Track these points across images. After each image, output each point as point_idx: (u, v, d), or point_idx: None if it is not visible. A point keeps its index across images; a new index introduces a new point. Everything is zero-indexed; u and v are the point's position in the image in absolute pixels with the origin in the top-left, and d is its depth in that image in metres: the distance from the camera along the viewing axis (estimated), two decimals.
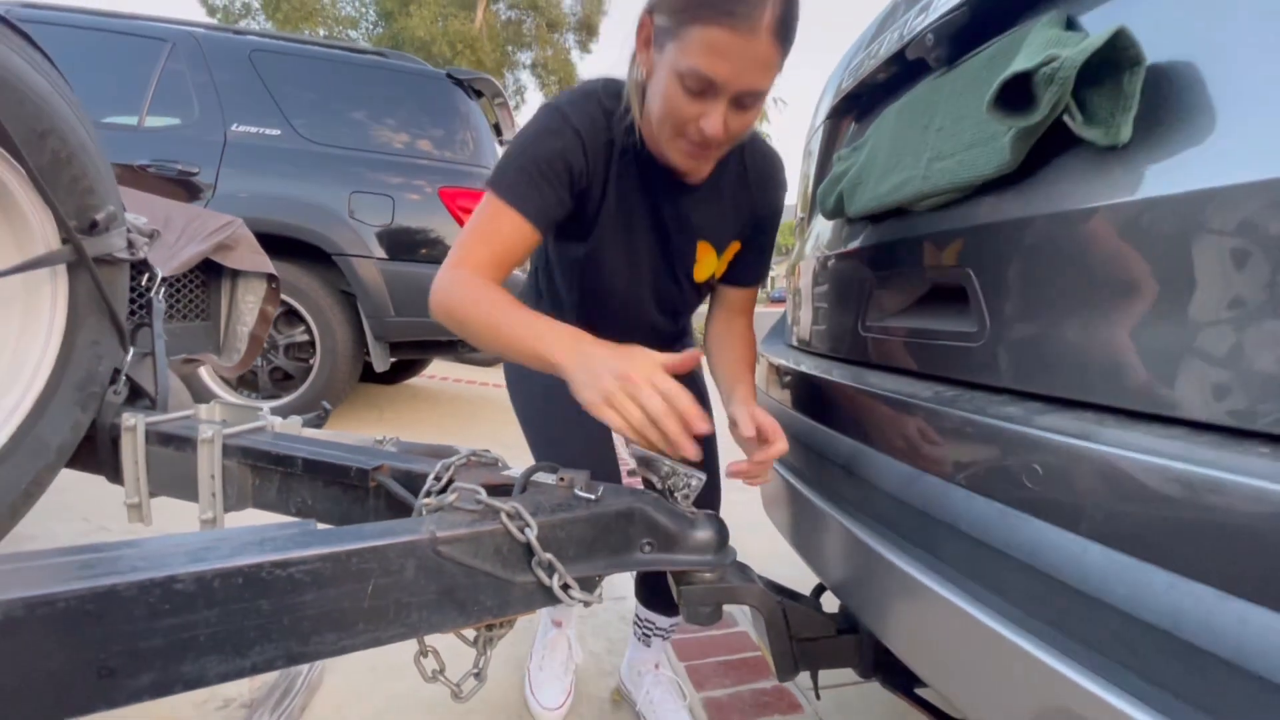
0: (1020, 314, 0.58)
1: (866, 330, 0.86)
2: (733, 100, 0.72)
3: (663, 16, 0.72)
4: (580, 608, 1.21)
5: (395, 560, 0.55)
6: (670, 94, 0.72)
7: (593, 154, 0.80)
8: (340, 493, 0.81)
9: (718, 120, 0.72)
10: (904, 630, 0.63)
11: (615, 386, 0.64)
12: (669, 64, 0.71)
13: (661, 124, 0.75)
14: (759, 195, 0.93)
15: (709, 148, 0.76)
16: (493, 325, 0.73)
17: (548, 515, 0.63)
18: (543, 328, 0.72)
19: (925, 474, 0.61)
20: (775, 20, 0.67)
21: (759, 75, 0.70)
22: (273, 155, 2.84)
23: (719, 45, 0.67)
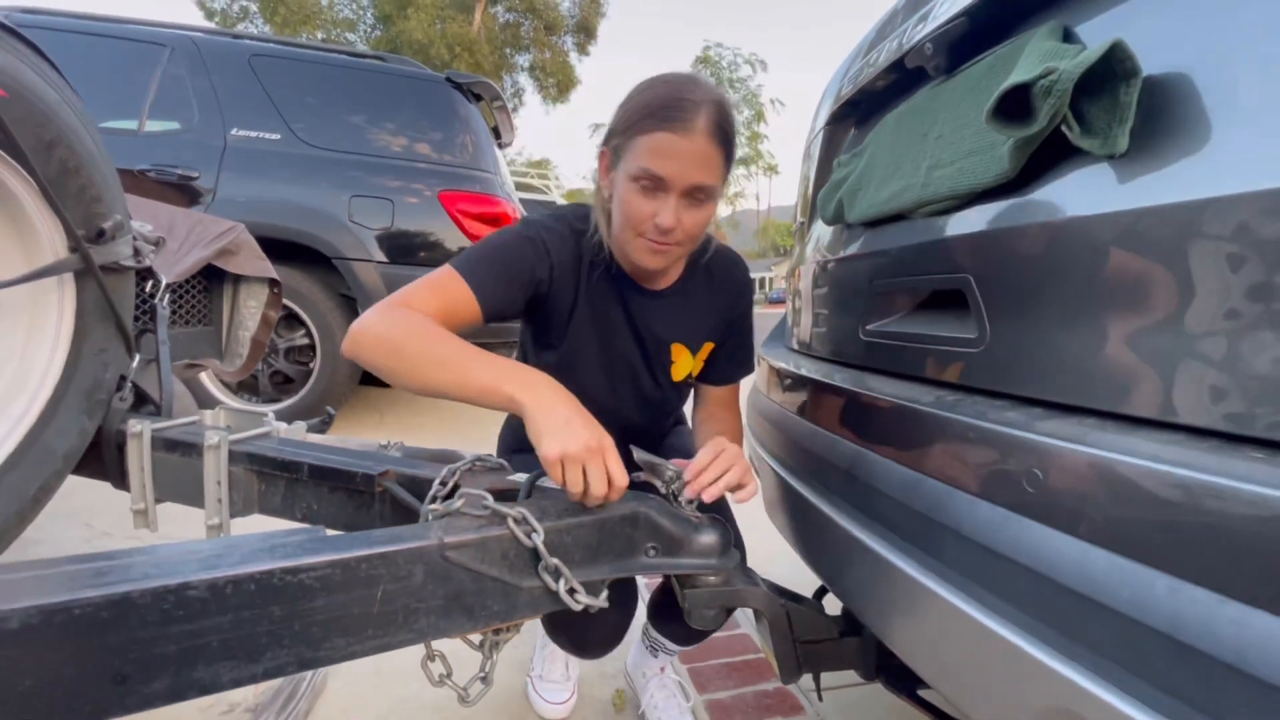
0: (1019, 320, 0.58)
1: (867, 334, 0.87)
2: (684, 196, 0.80)
3: (616, 139, 0.83)
4: None
5: (404, 566, 0.55)
6: (627, 198, 0.80)
7: (560, 268, 0.87)
8: (346, 498, 0.82)
9: (669, 213, 0.79)
10: (907, 633, 0.63)
11: (577, 451, 0.64)
12: (624, 174, 0.81)
13: (624, 229, 0.83)
14: (726, 299, 1.00)
15: (668, 243, 0.82)
16: (442, 355, 0.71)
17: (553, 520, 0.64)
18: (506, 364, 0.71)
19: (927, 478, 0.62)
20: (710, 124, 0.78)
21: (701, 171, 0.79)
22: (272, 159, 2.85)
23: (662, 146, 0.77)
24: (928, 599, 0.57)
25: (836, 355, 0.97)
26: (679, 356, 0.98)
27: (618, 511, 0.68)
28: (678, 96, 0.78)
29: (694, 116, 0.77)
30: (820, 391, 0.92)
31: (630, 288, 0.93)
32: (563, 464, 0.64)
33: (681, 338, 0.97)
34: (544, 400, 0.67)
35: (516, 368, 0.71)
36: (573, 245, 0.89)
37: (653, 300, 0.94)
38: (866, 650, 0.78)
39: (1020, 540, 0.49)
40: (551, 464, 0.64)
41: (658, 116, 0.78)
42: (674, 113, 0.77)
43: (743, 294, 1.02)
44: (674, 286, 0.95)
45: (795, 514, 0.90)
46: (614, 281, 0.92)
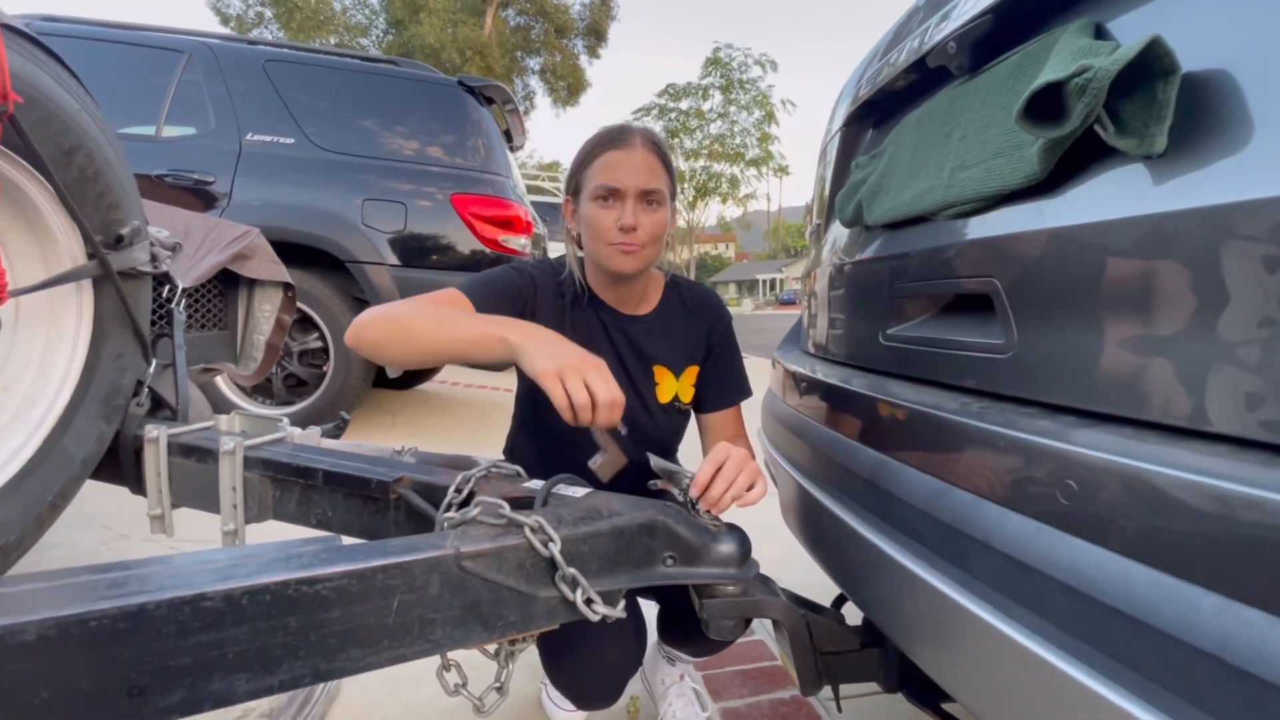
0: (1050, 326, 0.57)
1: (887, 339, 0.85)
2: (638, 200, 0.91)
3: (573, 181, 0.97)
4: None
5: (420, 576, 0.55)
6: (592, 215, 0.92)
7: (543, 294, 0.98)
8: (360, 505, 0.81)
9: (629, 213, 0.90)
10: (932, 646, 0.62)
11: (574, 365, 0.70)
12: (586, 199, 0.93)
13: (595, 242, 0.93)
14: (701, 322, 1.07)
15: (634, 243, 0.92)
16: (436, 315, 0.80)
17: (570, 529, 0.63)
18: (497, 317, 0.80)
19: (954, 488, 0.60)
20: (645, 141, 0.93)
21: (647, 176, 0.92)
22: (287, 164, 2.87)
23: (609, 162, 0.91)
24: (955, 612, 0.56)
25: (855, 360, 0.95)
26: (662, 379, 1.04)
27: (635, 520, 0.67)
28: (614, 127, 0.95)
29: (631, 136, 0.93)
30: (839, 397, 0.91)
31: (609, 313, 1.01)
32: (561, 377, 0.69)
33: (662, 359, 1.03)
34: (534, 333, 0.75)
35: (507, 319, 0.79)
36: (553, 279, 1.00)
37: (632, 324, 1.01)
38: (888, 662, 0.76)
39: (1055, 554, 0.48)
40: (549, 377, 0.69)
41: (602, 143, 0.93)
42: (614, 136, 0.93)
43: (718, 318, 1.09)
44: (652, 313, 1.04)
45: (813, 521, 0.88)
46: (594, 309, 1.01)
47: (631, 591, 0.75)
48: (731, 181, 15.99)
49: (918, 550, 0.64)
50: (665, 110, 15.79)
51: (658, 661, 1.18)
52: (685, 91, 16.05)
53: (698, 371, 1.06)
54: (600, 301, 1.01)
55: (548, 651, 0.94)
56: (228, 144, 2.84)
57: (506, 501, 0.67)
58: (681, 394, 1.05)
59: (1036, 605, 0.49)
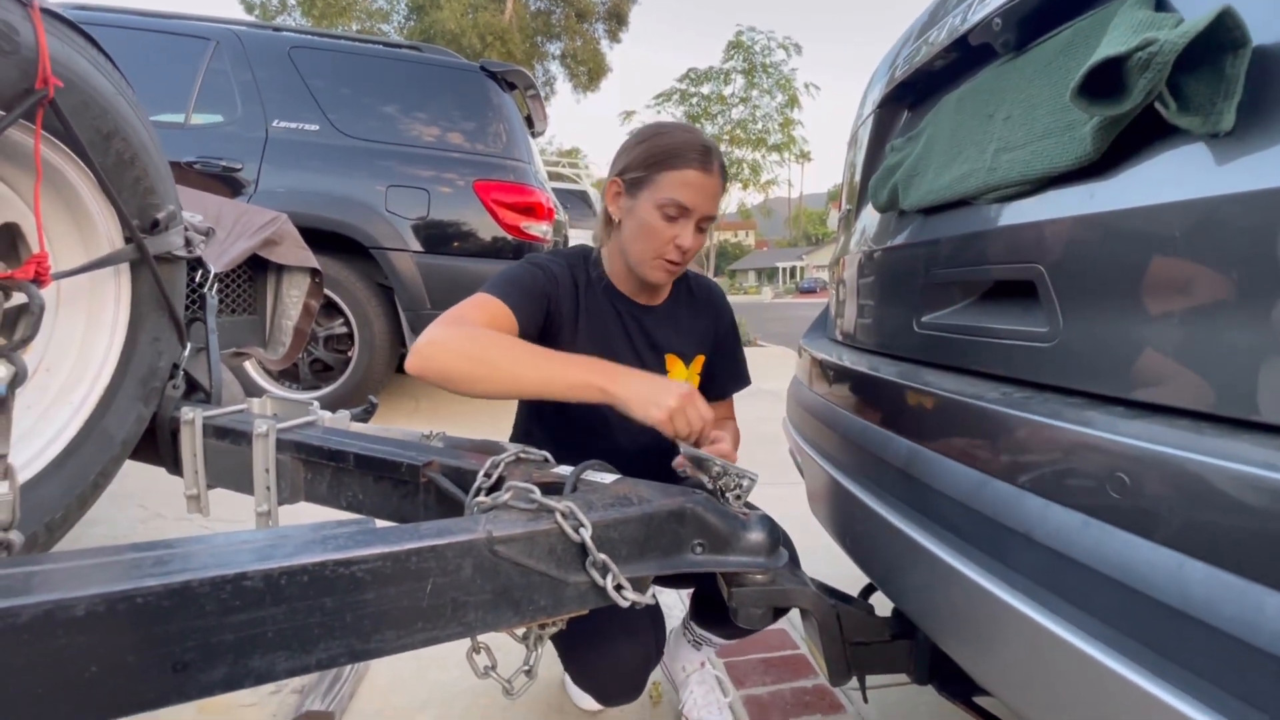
0: (1098, 314, 0.55)
1: (922, 327, 0.83)
2: (696, 223, 0.94)
3: (634, 173, 0.94)
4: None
5: (453, 560, 0.55)
6: (651, 224, 0.93)
7: (561, 285, 0.98)
8: (390, 488, 0.82)
9: (689, 237, 0.94)
10: (969, 639, 0.61)
11: (679, 402, 0.74)
12: (648, 202, 0.93)
13: (642, 250, 0.95)
14: (708, 314, 1.11)
15: (679, 263, 0.96)
16: (524, 358, 0.79)
17: (601, 515, 0.63)
18: (583, 360, 0.80)
19: (994, 479, 0.59)
20: (720, 165, 0.95)
21: (714, 203, 0.95)
22: (311, 150, 2.90)
23: (690, 181, 0.92)
24: (993, 605, 0.55)
25: (887, 348, 0.94)
26: (673, 367, 1.06)
27: (664, 507, 0.67)
28: (700, 142, 0.94)
29: (713, 159, 0.93)
30: (872, 386, 0.89)
31: (624, 302, 1.03)
32: (672, 417, 0.74)
33: (674, 348, 1.06)
34: (626, 379, 0.77)
35: (594, 362, 0.80)
36: (568, 270, 1.00)
37: (646, 315, 1.04)
38: (919, 653, 0.75)
39: (1102, 548, 0.46)
40: (665, 422, 0.74)
41: (687, 157, 0.92)
42: (701, 154, 0.92)
43: (723, 312, 1.13)
44: (664, 304, 1.07)
45: (842, 511, 0.87)
46: (610, 299, 1.02)
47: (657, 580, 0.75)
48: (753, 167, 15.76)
49: (954, 542, 0.62)
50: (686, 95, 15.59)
51: (680, 647, 1.19)
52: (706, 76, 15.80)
53: (704, 361, 1.10)
54: (616, 290, 1.03)
55: (566, 649, 0.94)
56: (254, 131, 2.87)
57: (536, 487, 0.68)
58: (691, 381, 1.07)
59: (1081, 600, 0.48)
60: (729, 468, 0.71)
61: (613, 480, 0.73)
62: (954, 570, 0.60)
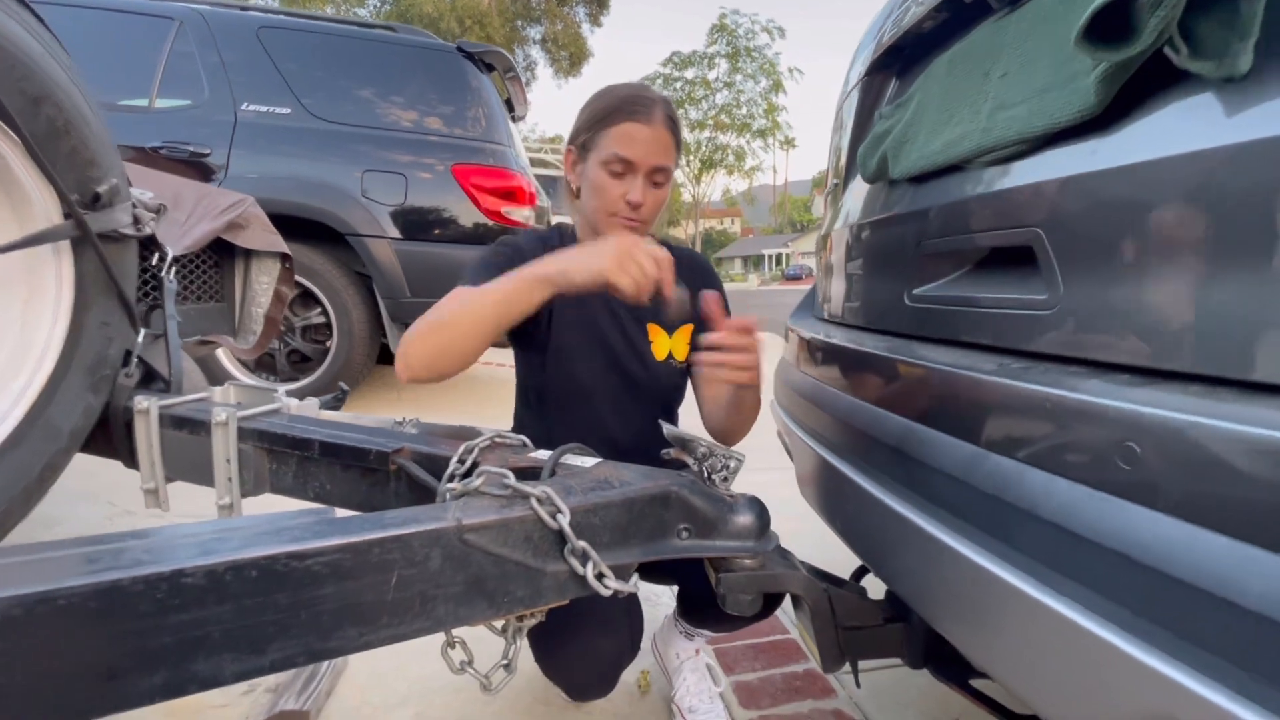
0: (1100, 278, 0.52)
1: (913, 300, 0.80)
2: (647, 177, 0.91)
3: (583, 136, 0.93)
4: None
5: (420, 550, 0.51)
6: (599, 183, 0.91)
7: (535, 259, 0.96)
8: (359, 477, 0.78)
9: (638, 190, 0.90)
10: (966, 621, 0.58)
11: (623, 251, 0.73)
12: (595, 162, 0.91)
13: (597, 211, 0.93)
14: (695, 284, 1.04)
15: (637, 219, 0.92)
16: (472, 297, 0.78)
17: (580, 500, 0.59)
18: (529, 266, 0.77)
19: (992, 454, 0.56)
20: (664, 116, 0.91)
21: (662, 154, 0.91)
22: (283, 134, 2.81)
23: (629, 133, 0.89)
24: (992, 584, 0.52)
25: (878, 323, 0.91)
26: (655, 336, 1.03)
27: (648, 491, 0.63)
28: (638, 94, 0.91)
29: (653, 109, 0.90)
30: (861, 363, 0.86)
31: None
32: (621, 266, 0.71)
33: (654, 318, 1.02)
34: (565, 256, 0.75)
35: (535, 263, 0.77)
36: (540, 245, 0.96)
37: None
38: (914, 637, 0.73)
39: (1113, 523, 0.43)
40: (615, 275, 0.71)
41: (624, 111, 0.89)
42: (637, 106, 0.90)
43: (708, 278, 1.09)
44: None
45: (833, 492, 0.84)
46: None
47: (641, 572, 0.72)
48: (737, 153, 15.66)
49: (950, 521, 0.60)
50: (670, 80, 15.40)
51: (673, 636, 1.16)
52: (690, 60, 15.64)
53: (692, 330, 1.06)
54: None
55: (538, 642, 0.91)
56: (223, 114, 2.77)
57: (512, 472, 0.64)
58: (676, 351, 1.04)
59: (1089, 578, 0.45)
60: (715, 448, 0.68)
61: (593, 464, 0.69)
62: (950, 550, 0.58)
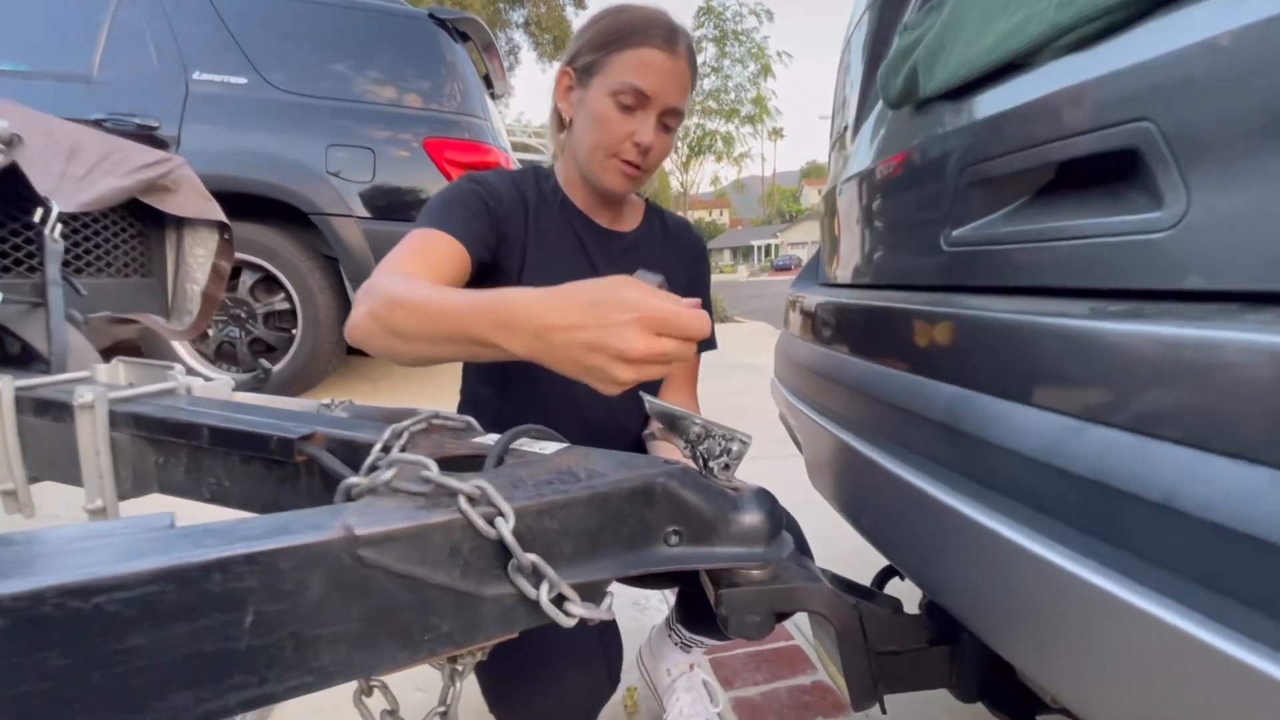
0: (1246, 179, 0.37)
1: (953, 244, 0.65)
2: (659, 117, 0.79)
3: (586, 57, 0.80)
4: None
5: (289, 574, 0.35)
6: (604, 115, 0.77)
7: (509, 205, 0.82)
8: (264, 471, 0.62)
9: (650, 130, 0.78)
10: (1053, 648, 0.43)
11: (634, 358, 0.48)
12: (600, 89, 0.77)
13: (595, 149, 0.79)
14: (685, 254, 0.96)
15: (641, 167, 0.80)
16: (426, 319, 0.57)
17: (531, 497, 0.44)
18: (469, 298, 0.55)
19: (1095, 425, 0.41)
20: (687, 48, 0.80)
21: (679, 93, 0.79)
22: (240, 106, 2.61)
23: (650, 61, 0.76)
24: (1091, 598, 0.38)
25: (905, 278, 0.75)
26: None
27: (625, 484, 0.48)
28: (663, 19, 0.78)
29: (679, 39, 0.78)
30: (892, 323, 0.71)
31: (585, 224, 0.88)
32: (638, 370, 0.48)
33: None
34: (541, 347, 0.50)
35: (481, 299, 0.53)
36: (514, 187, 0.84)
37: (612, 241, 0.89)
38: (964, 662, 0.58)
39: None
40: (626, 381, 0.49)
41: (644, 34, 0.76)
42: (662, 32, 0.77)
43: (700, 253, 1.00)
44: (634, 232, 0.92)
45: (856, 481, 0.69)
46: (567, 216, 0.86)
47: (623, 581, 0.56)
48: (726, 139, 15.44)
49: (1024, 515, 0.45)
50: None
51: (665, 648, 1.01)
52: None
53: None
54: (573, 207, 0.88)
55: (489, 678, 0.70)
56: (172, 85, 2.57)
57: (442, 461, 0.48)
58: None
59: (1245, 594, 0.31)
60: (713, 427, 0.52)
61: (555, 450, 0.54)
62: (1026, 553, 0.43)
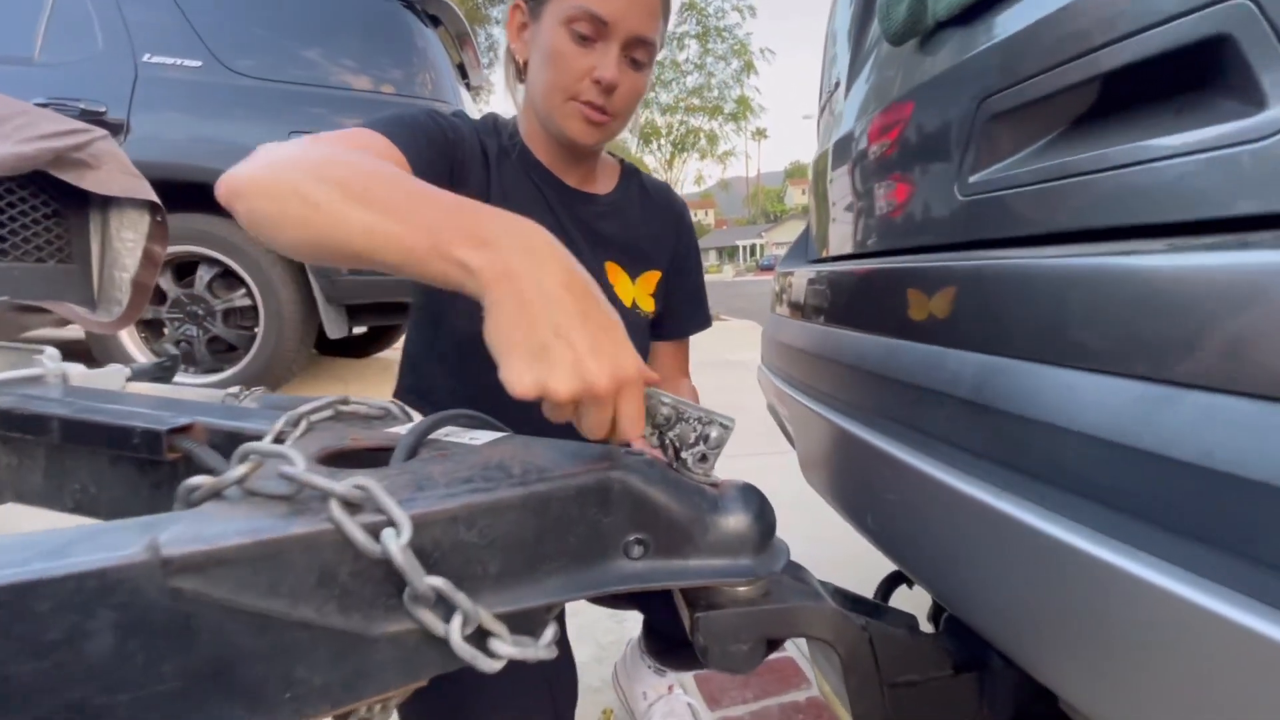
0: None
1: (970, 191, 0.55)
2: (624, 50, 0.67)
3: None
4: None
5: (54, 619, 0.24)
6: (558, 50, 0.66)
7: (469, 152, 0.71)
8: (135, 474, 0.50)
9: (612, 65, 0.66)
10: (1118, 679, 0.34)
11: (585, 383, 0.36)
12: (552, 21, 0.66)
13: (551, 92, 0.68)
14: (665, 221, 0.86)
15: (606, 110, 0.69)
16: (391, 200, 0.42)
17: (441, 500, 0.33)
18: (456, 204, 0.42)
19: (1193, 390, 0.31)
20: None
21: (646, 19, 0.67)
22: (194, 90, 2.46)
23: None
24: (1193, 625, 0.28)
25: (912, 240, 0.65)
26: (615, 278, 0.79)
27: (572, 482, 0.37)
28: None
29: None
30: (900, 291, 0.61)
31: (553, 184, 0.76)
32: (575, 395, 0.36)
33: (616, 256, 0.79)
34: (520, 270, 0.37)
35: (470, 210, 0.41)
36: (475, 136, 0.72)
37: (583, 204, 0.78)
38: (996, 693, 0.48)
39: None
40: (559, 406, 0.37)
41: None
42: None
43: (683, 221, 0.89)
44: (610, 195, 0.80)
45: (862, 474, 0.59)
46: (531, 174, 0.75)
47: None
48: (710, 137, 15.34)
49: (1083, 511, 0.35)
50: None
51: (638, 671, 0.90)
52: None
53: (659, 280, 0.83)
54: (540, 165, 0.76)
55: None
56: (120, 67, 2.41)
57: (348, 456, 0.37)
58: (640, 301, 0.81)
59: None
60: (683, 408, 0.41)
61: (488, 440, 0.43)
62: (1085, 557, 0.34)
